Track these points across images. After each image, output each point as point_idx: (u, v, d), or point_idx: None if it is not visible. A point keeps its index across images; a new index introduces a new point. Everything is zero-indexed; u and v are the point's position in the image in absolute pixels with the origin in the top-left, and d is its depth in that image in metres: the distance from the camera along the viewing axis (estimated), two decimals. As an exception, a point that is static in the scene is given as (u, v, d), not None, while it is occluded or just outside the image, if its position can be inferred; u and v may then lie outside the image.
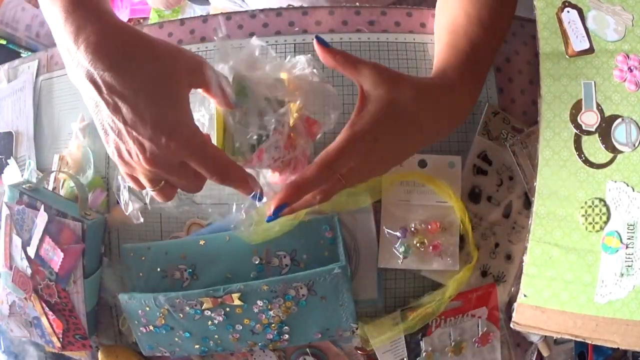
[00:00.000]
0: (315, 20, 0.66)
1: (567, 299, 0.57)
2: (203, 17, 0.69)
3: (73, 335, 0.65)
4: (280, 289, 0.58)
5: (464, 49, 0.55)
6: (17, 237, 0.64)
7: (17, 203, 0.64)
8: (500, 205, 0.63)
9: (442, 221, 0.61)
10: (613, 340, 0.55)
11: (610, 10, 0.58)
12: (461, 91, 0.53)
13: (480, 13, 0.56)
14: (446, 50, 0.56)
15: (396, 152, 0.51)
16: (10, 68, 0.76)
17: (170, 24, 0.68)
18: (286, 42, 0.65)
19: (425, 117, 0.50)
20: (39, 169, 0.70)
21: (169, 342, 0.63)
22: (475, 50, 0.55)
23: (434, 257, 0.60)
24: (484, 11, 0.56)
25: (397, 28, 0.65)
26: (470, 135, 0.63)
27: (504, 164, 0.63)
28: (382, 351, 0.61)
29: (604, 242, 0.57)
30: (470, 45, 0.55)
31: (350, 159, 0.47)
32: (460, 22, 0.56)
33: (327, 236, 0.59)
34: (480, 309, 0.63)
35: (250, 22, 0.67)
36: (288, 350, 0.65)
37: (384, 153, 0.49)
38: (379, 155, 0.49)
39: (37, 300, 0.64)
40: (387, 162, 0.51)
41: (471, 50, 0.55)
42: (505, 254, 0.63)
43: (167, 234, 0.64)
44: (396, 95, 0.48)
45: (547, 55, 0.59)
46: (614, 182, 0.57)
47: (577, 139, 0.58)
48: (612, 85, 0.57)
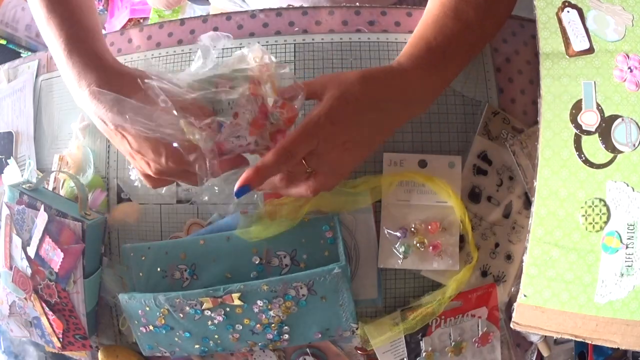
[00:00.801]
0: (315, 20, 0.66)
1: (567, 299, 0.57)
2: (203, 17, 0.69)
3: (73, 335, 0.65)
4: (280, 288, 0.58)
5: (427, 38, 0.56)
6: (17, 237, 0.64)
7: (17, 203, 0.64)
8: (500, 205, 0.63)
9: (442, 221, 0.61)
10: (613, 340, 0.55)
11: (610, 10, 0.58)
12: (413, 78, 0.55)
13: (457, 6, 0.57)
14: (410, 39, 0.58)
15: (360, 138, 0.52)
16: (10, 68, 0.76)
17: (170, 24, 0.68)
18: (286, 42, 0.65)
19: (377, 101, 0.53)
20: (39, 169, 0.70)
21: (169, 342, 0.63)
22: (443, 40, 0.56)
23: (434, 257, 0.60)
24: (462, 4, 0.57)
25: (397, 28, 0.65)
26: (470, 135, 0.63)
27: (504, 164, 0.63)
28: (382, 351, 0.61)
29: (604, 242, 0.57)
30: (437, 35, 0.56)
31: (309, 143, 0.50)
32: (435, 12, 0.58)
33: (327, 236, 0.59)
34: (480, 309, 0.63)
35: (250, 22, 0.67)
36: (288, 350, 0.65)
37: (347, 137, 0.51)
38: (341, 139, 0.51)
39: (37, 300, 0.64)
40: (355, 149, 0.53)
41: (435, 40, 0.56)
42: (505, 254, 0.63)
43: (167, 234, 0.64)
44: (343, 86, 0.52)
45: (547, 55, 0.59)
46: (614, 182, 0.57)
47: (577, 139, 0.58)
48: (612, 85, 0.57)
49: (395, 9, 0.66)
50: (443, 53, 0.56)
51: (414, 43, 0.57)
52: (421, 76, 0.55)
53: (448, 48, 0.56)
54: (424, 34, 0.57)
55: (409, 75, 0.55)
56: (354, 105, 0.51)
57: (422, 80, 0.55)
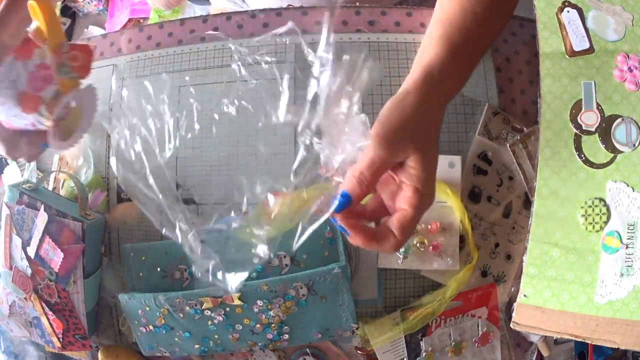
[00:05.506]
0: (316, 20, 0.66)
1: (567, 299, 0.57)
2: (203, 17, 0.69)
3: (73, 335, 0.65)
4: (280, 288, 0.58)
5: (452, 40, 0.54)
6: (17, 237, 0.64)
7: (17, 203, 0.64)
8: (500, 205, 0.63)
9: (442, 221, 0.61)
10: (613, 340, 0.55)
11: (610, 10, 0.58)
12: (446, 80, 0.52)
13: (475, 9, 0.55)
14: (438, 42, 0.55)
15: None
16: (10, 68, 0.76)
17: (170, 24, 0.68)
18: (286, 42, 0.65)
19: (434, 128, 0.51)
20: (39, 169, 0.70)
21: (169, 342, 0.63)
22: (465, 43, 0.54)
23: (434, 257, 0.60)
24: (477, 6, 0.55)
25: (397, 28, 0.65)
26: (470, 135, 0.63)
27: (504, 164, 0.63)
28: (382, 351, 0.61)
29: (604, 242, 0.57)
30: (460, 37, 0.54)
31: (423, 213, 0.48)
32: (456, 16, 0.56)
33: (327, 236, 0.59)
34: (480, 309, 0.63)
35: (250, 22, 0.67)
36: (288, 350, 0.65)
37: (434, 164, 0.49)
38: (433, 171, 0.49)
39: (37, 300, 0.64)
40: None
41: (460, 44, 0.54)
42: (505, 254, 0.63)
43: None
44: (421, 143, 0.48)
45: (547, 55, 0.59)
46: (614, 182, 0.57)
47: (577, 139, 0.58)
48: (612, 85, 0.57)
49: (395, 9, 0.66)
50: (467, 56, 0.55)
51: (439, 45, 0.54)
52: (453, 80, 0.53)
53: (471, 50, 0.55)
54: (450, 35, 0.54)
55: (444, 85, 0.52)
56: (434, 150, 0.49)
57: (455, 84, 0.54)
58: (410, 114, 0.48)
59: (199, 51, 0.66)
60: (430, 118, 0.50)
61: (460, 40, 0.54)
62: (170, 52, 0.67)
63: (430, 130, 0.50)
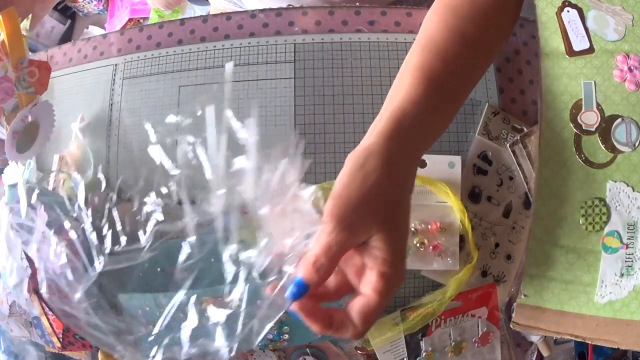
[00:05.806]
0: (315, 20, 0.66)
1: (567, 299, 0.57)
2: (203, 17, 0.69)
3: (73, 336, 0.65)
4: (280, 289, 0.58)
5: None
6: (17, 237, 0.64)
7: (17, 203, 0.64)
8: (500, 205, 0.63)
9: (442, 221, 0.61)
10: (613, 340, 0.55)
11: (610, 10, 0.58)
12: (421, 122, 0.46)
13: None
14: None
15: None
16: (10, 68, 0.76)
17: (170, 24, 0.68)
18: (286, 42, 0.65)
19: (406, 187, 0.43)
20: (39, 169, 0.70)
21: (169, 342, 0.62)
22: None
23: (434, 257, 0.60)
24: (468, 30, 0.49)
25: (397, 28, 0.65)
26: (470, 135, 0.63)
27: (504, 164, 0.63)
28: (382, 351, 0.61)
29: (604, 242, 0.57)
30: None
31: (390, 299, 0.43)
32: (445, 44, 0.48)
33: (327, 236, 0.59)
34: (480, 309, 0.63)
35: (250, 22, 0.67)
36: (288, 350, 0.65)
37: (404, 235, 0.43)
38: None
39: (37, 300, 0.64)
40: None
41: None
42: (505, 254, 0.63)
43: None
44: (387, 223, 0.41)
45: (547, 55, 0.59)
46: (614, 182, 0.57)
47: (577, 139, 0.58)
48: (612, 85, 0.57)
49: (395, 9, 0.66)
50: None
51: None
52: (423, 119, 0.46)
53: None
54: (431, 65, 0.47)
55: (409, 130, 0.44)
56: (404, 223, 0.42)
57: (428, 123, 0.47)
58: (373, 184, 0.40)
59: (199, 51, 0.66)
60: (398, 183, 0.42)
61: (442, 70, 0.46)
62: (170, 52, 0.67)
63: (398, 201, 0.42)
